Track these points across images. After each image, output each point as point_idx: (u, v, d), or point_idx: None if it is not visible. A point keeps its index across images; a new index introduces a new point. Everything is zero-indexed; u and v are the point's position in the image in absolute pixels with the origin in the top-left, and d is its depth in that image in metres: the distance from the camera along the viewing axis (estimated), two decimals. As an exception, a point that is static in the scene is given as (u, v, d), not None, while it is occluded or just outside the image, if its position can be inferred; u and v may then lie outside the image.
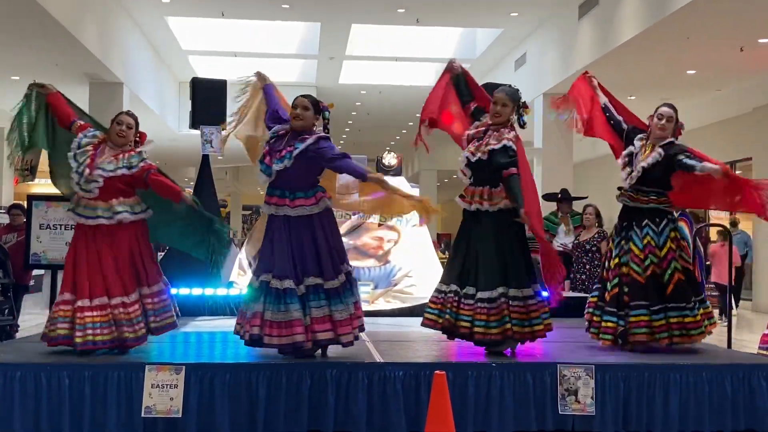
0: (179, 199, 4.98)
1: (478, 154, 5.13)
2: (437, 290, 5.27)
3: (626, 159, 5.49)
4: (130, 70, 14.95)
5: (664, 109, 5.44)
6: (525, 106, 5.28)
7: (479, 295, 5.03)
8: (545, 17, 15.25)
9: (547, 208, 8.96)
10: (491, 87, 5.49)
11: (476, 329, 5.00)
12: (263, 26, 16.68)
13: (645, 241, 5.40)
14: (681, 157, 5.25)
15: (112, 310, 4.88)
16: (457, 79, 5.54)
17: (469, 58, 18.20)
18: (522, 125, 5.28)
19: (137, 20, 15.43)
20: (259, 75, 5.55)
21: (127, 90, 14.62)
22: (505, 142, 5.08)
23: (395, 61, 18.49)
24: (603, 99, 5.73)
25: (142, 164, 5.00)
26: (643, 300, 5.34)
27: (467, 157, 5.20)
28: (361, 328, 5.05)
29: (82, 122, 5.20)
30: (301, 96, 5.13)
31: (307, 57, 18.30)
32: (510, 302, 5.02)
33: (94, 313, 4.85)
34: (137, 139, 5.22)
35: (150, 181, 4.98)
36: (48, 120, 5.30)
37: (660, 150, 5.33)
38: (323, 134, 5.04)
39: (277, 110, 5.23)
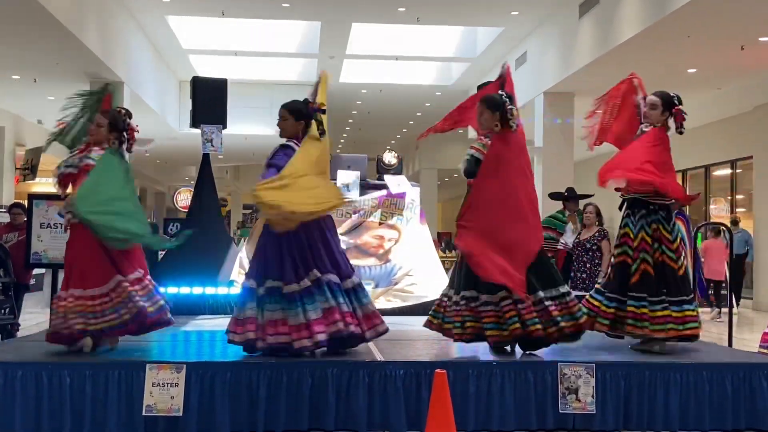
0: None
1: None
2: (442, 294, 5.40)
3: None
4: (130, 70, 14.95)
5: (650, 97, 5.57)
6: (509, 110, 5.17)
7: (454, 297, 5.19)
8: (546, 16, 15.24)
9: (553, 207, 8.95)
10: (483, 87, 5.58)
11: (455, 330, 5.10)
12: (263, 25, 16.66)
13: (622, 231, 5.51)
14: None
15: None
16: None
17: (470, 56, 18.18)
18: (512, 129, 5.23)
19: (138, 19, 15.43)
20: (322, 74, 5.57)
21: (127, 89, 14.61)
22: (470, 149, 5.22)
23: (396, 60, 18.48)
24: (639, 97, 5.74)
25: (83, 164, 5.07)
26: (604, 288, 5.53)
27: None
28: (333, 339, 4.90)
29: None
30: (282, 105, 5.26)
31: (308, 56, 18.29)
32: (481, 307, 5.03)
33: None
34: (126, 135, 5.24)
35: None
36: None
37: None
38: (288, 143, 5.12)
39: None
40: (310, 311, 4.84)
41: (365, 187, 8.23)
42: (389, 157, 8.66)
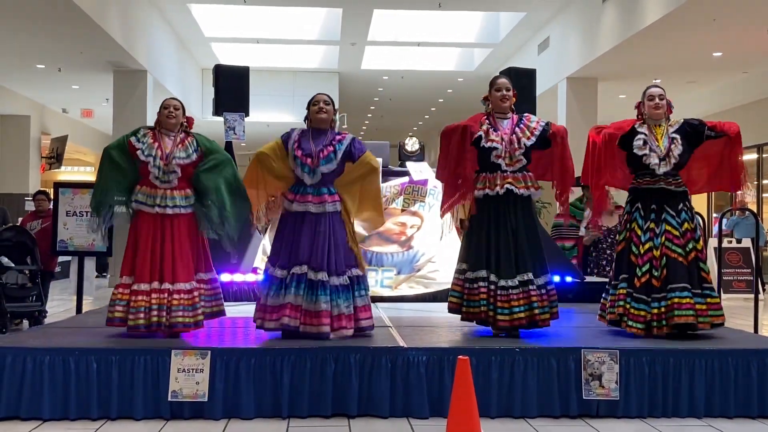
0: None
1: (524, 139, 5.41)
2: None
3: (644, 149, 5.45)
4: (153, 58, 15.02)
5: (654, 90, 5.53)
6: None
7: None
8: (568, 0, 15.11)
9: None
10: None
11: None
12: (285, 13, 16.67)
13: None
14: (707, 130, 5.59)
15: (168, 294, 5.04)
16: None
17: (492, 42, 18.08)
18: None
19: (160, 8, 15.49)
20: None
21: (150, 78, 14.69)
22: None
23: (417, 47, 18.42)
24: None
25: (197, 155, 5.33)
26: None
27: (525, 143, 5.43)
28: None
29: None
30: (319, 93, 5.35)
31: (329, 43, 18.27)
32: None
33: (151, 297, 4.99)
34: (184, 122, 5.39)
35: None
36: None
37: (677, 135, 5.45)
38: (353, 135, 5.32)
39: None
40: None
41: (387, 174, 8.22)
42: (411, 144, 8.63)
